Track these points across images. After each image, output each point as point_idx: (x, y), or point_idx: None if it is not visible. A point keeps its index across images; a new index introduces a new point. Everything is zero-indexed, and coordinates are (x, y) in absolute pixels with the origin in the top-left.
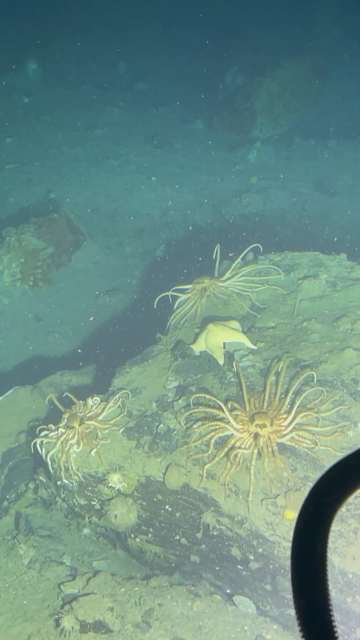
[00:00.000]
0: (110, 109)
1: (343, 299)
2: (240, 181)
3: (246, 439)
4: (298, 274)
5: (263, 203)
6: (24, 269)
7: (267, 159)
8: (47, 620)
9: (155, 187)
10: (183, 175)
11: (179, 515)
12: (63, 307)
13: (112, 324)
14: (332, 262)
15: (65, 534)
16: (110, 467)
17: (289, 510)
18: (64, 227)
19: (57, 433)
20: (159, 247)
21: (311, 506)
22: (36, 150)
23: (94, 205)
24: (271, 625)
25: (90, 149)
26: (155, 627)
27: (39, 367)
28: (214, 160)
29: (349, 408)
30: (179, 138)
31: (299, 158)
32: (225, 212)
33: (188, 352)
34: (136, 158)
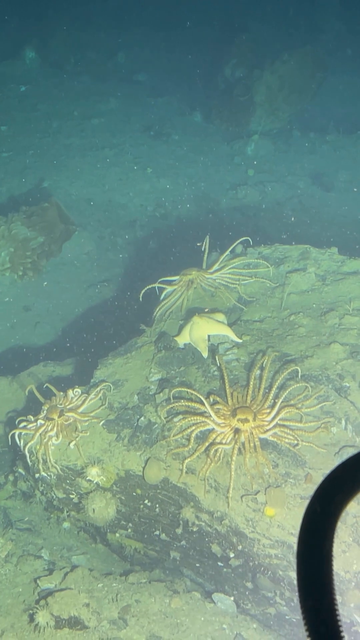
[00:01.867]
0: (108, 98)
1: (332, 293)
2: (237, 174)
3: (227, 433)
4: (287, 267)
5: (259, 196)
6: (14, 258)
7: (265, 152)
8: (22, 615)
9: (150, 178)
10: (179, 167)
11: (159, 510)
12: (52, 297)
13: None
14: (323, 256)
15: (45, 528)
16: (89, 460)
17: (269, 507)
18: (54, 217)
19: (35, 424)
20: (151, 239)
21: (318, 505)
22: (31, 139)
23: (87, 196)
24: (251, 624)
25: (86, 138)
26: (132, 624)
27: (24, 358)
28: (211, 152)
29: (333, 404)
30: (176, 129)
31: (297, 152)
32: (220, 205)
33: (172, 345)
34: (132, 149)
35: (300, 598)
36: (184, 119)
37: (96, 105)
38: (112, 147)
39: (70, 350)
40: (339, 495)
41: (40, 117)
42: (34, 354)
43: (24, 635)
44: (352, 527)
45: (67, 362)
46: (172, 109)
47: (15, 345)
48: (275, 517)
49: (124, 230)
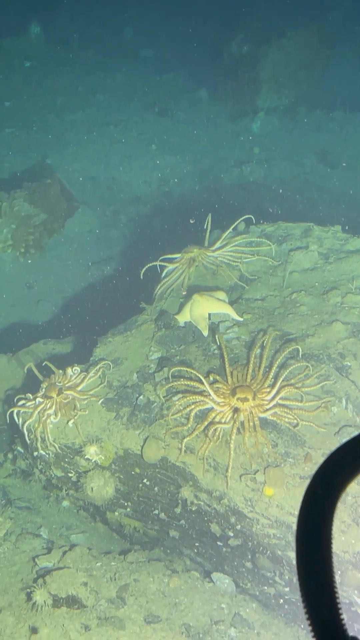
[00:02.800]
0: (113, 74)
1: (335, 272)
2: (242, 151)
3: (227, 412)
4: (290, 245)
5: (264, 174)
6: (16, 235)
7: (270, 129)
8: (20, 593)
9: (154, 155)
10: (184, 144)
11: (158, 489)
12: (55, 275)
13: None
14: (326, 234)
15: (44, 506)
16: (87, 439)
17: (268, 486)
18: (57, 194)
19: (34, 403)
20: (155, 216)
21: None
22: (35, 114)
23: (91, 172)
24: (250, 604)
25: (90, 114)
26: (130, 603)
27: (25, 335)
28: (216, 129)
29: (334, 383)
30: (182, 106)
31: (303, 129)
32: (224, 182)
33: (172, 323)
34: (137, 125)
35: (300, 580)
36: (190, 96)
37: (101, 81)
38: (117, 123)
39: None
40: (339, 477)
41: (45, 93)
42: (34, 331)
43: (21, 614)
44: (352, 507)
45: (67, 340)
46: (177, 85)
47: (17, 323)
48: (275, 496)
49: (127, 208)
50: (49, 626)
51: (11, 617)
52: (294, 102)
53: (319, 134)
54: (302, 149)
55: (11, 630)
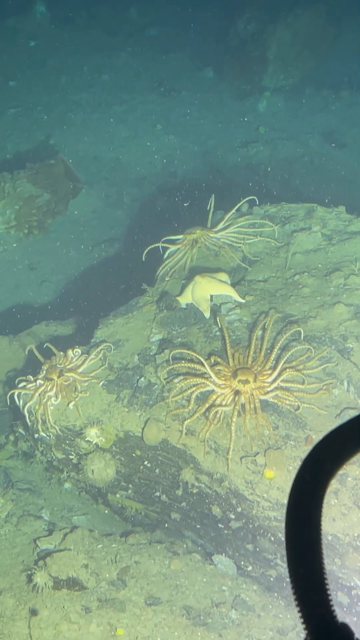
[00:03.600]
0: (118, 54)
1: (338, 253)
2: (248, 131)
3: (228, 395)
4: (294, 226)
5: (270, 154)
6: (19, 216)
7: (276, 109)
8: (20, 575)
9: (159, 135)
10: (189, 124)
11: (159, 471)
12: (58, 256)
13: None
14: (330, 215)
15: (46, 488)
16: (88, 421)
17: (269, 469)
18: (61, 174)
19: (35, 384)
20: (159, 197)
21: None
22: (39, 94)
23: (95, 153)
24: (251, 586)
25: (95, 94)
26: (131, 585)
27: (27, 317)
28: (222, 109)
29: (335, 365)
30: (187, 86)
31: (310, 109)
32: (229, 163)
33: (174, 305)
34: (142, 105)
35: (289, 567)
36: (196, 75)
37: (106, 61)
38: (122, 103)
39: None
40: (327, 464)
41: (50, 73)
42: (37, 313)
43: (22, 596)
44: (352, 489)
45: (69, 322)
46: (183, 64)
47: (19, 304)
48: (275, 479)
49: (131, 188)
50: (50, 608)
51: (12, 599)
52: (300, 81)
53: (325, 113)
54: (308, 128)
55: (11, 612)
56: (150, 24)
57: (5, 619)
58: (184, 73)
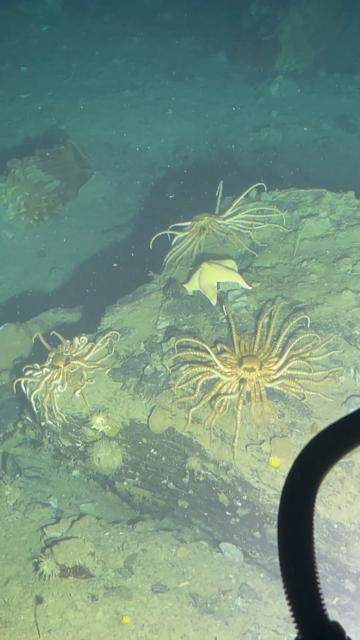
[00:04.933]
0: (130, 38)
1: (347, 239)
2: (260, 115)
3: (233, 382)
4: (302, 212)
5: (282, 138)
6: (29, 202)
7: (289, 93)
8: (27, 563)
9: (170, 120)
10: (201, 109)
11: (165, 459)
12: (68, 242)
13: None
14: (339, 200)
15: (54, 475)
16: (94, 409)
17: (274, 457)
18: (70, 160)
19: (41, 373)
20: (170, 182)
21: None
22: (50, 80)
23: (106, 138)
24: (257, 574)
25: (106, 79)
26: (137, 573)
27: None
28: (234, 93)
29: (342, 352)
30: (200, 70)
31: (323, 93)
32: (241, 147)
33: (181, 292)
34: (153, 90)
35: (280, 566)
36: (208, 60)
37: (118, 45)
38: (133, 88)
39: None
40: (318, 464)
41: (61, 58)
42: (46, 299)
43: (29, 584)
44: (358, 478)
45: (76, 309)
46: (196, 49)
47: (29, 291)
48: (281, 467)
49: (142, 174)
50: (56, 596)
51: (19, 586)
52: (313, 65)
53: (338, 97)
54: (321, 112)
55: (18, 600)
56: (163, 8)
57: (12, 607)
58: (196, 57)
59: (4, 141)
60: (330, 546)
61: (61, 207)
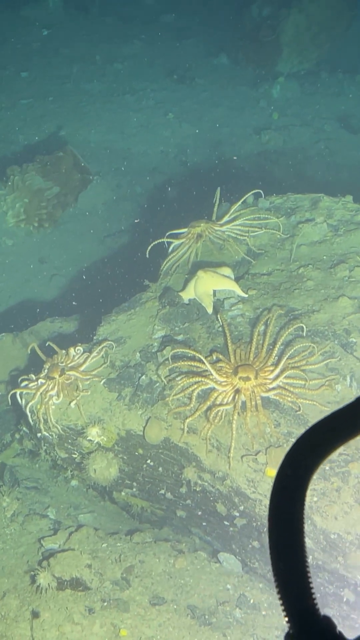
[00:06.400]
0: (132, 41)
1: (344, 244)
2: (262, 118)
3: (229, 392)
4: (299, 217)
5: (283, 140)
6: (29, 209)
7: (291, 94)
8: (25, 576)
9: (171, 124)
10: (202, 112)
11: (162, 470)
12: (68, 249)
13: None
14: (337, 205)
15: (52, 486)
16: (89, 420)
17: (270, 467)
18: (70, 166)
19: (36, 383)
20: (171, 187)
21: (289, 468)
22: (51, 84)
23: (106, 143)
24: (256, 584)
25: (107, 83)
26: (135, 585)
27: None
28: (236, 95)
29: (338, 360)
30: (201, 72)
31: (325, 94)
32: (243, 150)
33: (176, 300)
34: (154, 93)
35: (271, 561)
36: (210, 62)
37: (119, 49)
38: (134, 92)
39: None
40: (309, 458)
41: (62, 62)
42: (45, 308)
43: (26, 597)
44: (354, 487)
45: (74, 317)
46: (198, 51)
47: (29, 299)
48: None
49: (143, 179)
50: (53, 609)
51: (15, 600)
52: (316, 65)
53: (341, 97)
54: (323, 113)
55: (15, 613)
56: (165, 10)
57: (9, 620)
58: (198, 60)
59: (5, 148)
60: (328, 557)
61: (61, 213)
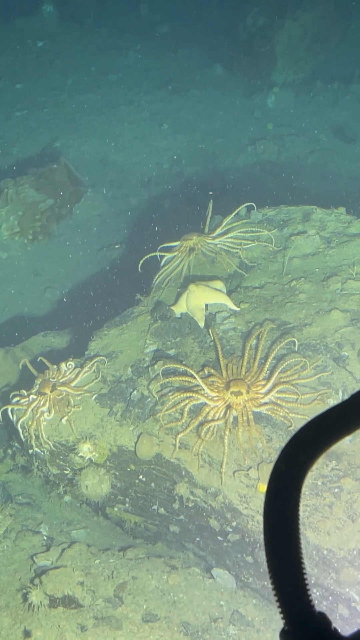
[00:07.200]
0: (127, 52)
1: (336, 257)
2: (257, 128)
3: (220, 407)
4: (292, 229)
5: (278, 151)
6: (23, 222)
7: (286, 104)
8: (17, 594)
9: (166, 135)
10: (197, 123)
11: (154, 485)
12: (63, 261)
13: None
14: (329, 217)
15: (45, 502)
16: (81, 436)
17: (262, 483)
18: (64, 178)
19: (28, 399)
20: (165, 198)
21: (283, 465)
22: (46, 96)
23: (101, 155)
24: (250, 600)
25: (102, 95)
26: (128, 602)
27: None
28: (230, 106)
29: (330, 374)
30: (196, 83)
31: (320, 103)
32: (237, 161)
33: (168, 314)
34: (149, 105)
35: (266, 557)
36: (205, 72)
37: (114, 60)
38: (129, 103)
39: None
40: (303, 454)
41: (57, 73)
42: (38, 321)
43: (18, 615)
44: (347, 503)
45: (66, 332)
46: (192, 61)
47: (22, 312)
48: None
49: (137, 190)
50: (45, 627)
51: (7, 617)
52: (311, 75)
53: (336, 107)
54: (318, 123)
55: (7, 632)
56: (160, 21)
57: (1, 639)
58: (193, 70)
59: None
60: (321, 572)
61: (55, 225)
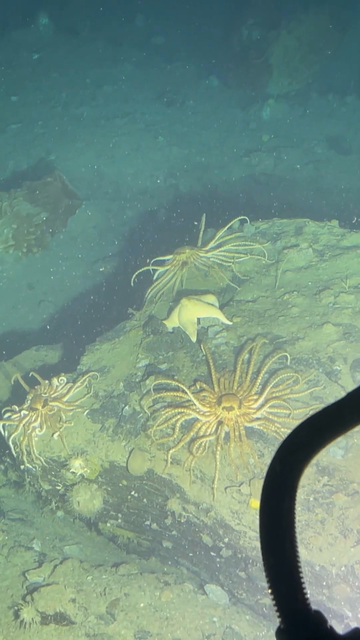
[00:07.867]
0: (122, 64)
1: (329, 270)
2: (252, 140)
3: (212, 422)
4: (285, 242)
5: (273, 163)
6: (17, 235)
7: (281, 116)
8: (8, 611)
9: (161, 147)
10: (192, 135)
11: (146, 501)
12: (58, 274)
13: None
14: (322, 230)
15: (38, 517)
16: (72, 452)
17: (254, 498)
18: (58, 192)
19: (19, 415)
20: (160, 210)
21: (278, 465)
22: (41, 109)
23: (96, 167)
24: (243, 616)
25: (97, 107)
26: (120, 619)
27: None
28: (226, 118)
29: (323, 389)
30: (192, 95)
31: (315, 115)
32: (232, 174)
33: (160, 329)
34: (144, 117)
35: (262, 557)
36: (200, 84)
37: (110, 72)
38: (124, 115)
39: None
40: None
41: (52, 86)
42: (32, 335)
43: (10, 632)
44: (339, 519)
45: (59, 346)
46: (188, 73)
47: (16, 326)
48: None
49: (133, 202)
50: None
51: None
52: (306, 87)
53: (331, 119)
54: (313, 135)
55: None
56: (156, 33)
57: None
58: (188, 82)
59: None
60: (313, 588)
61: (50, 238)
